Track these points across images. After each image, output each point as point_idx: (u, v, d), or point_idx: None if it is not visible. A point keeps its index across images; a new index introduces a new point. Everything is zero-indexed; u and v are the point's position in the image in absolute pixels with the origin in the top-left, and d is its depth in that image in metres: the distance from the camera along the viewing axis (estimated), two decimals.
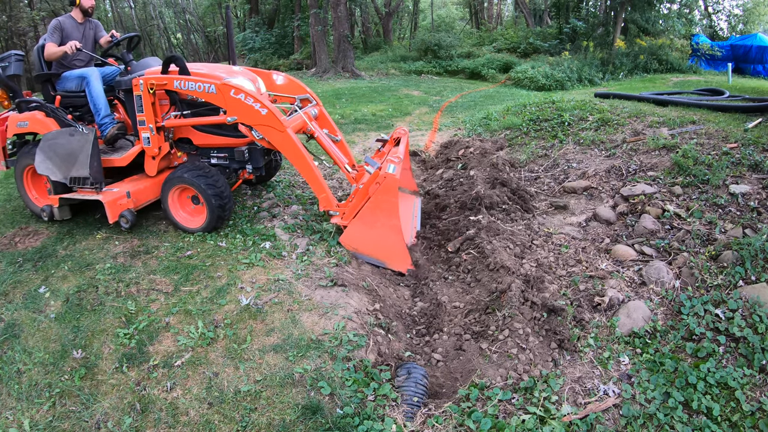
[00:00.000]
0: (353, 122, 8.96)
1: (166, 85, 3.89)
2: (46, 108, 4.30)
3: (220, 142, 4.17)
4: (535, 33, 20.42)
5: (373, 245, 3.73)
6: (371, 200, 3.65)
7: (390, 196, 3.59)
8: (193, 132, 4.16)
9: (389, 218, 3.65)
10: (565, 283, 3.58)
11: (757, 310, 2.89)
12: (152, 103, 3.96)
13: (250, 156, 4.18)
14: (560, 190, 5.08)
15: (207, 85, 3.77)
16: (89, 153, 3.90)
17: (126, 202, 4.00)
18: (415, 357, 3.10)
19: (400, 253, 3.76)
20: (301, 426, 2.45)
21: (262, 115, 3.70)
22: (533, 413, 2.53)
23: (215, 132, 4.13)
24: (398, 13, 28.86)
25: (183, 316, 3.19)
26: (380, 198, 3.62)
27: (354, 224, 3.72)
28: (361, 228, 3.70)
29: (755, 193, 3.92)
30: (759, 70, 14.32)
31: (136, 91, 3.92)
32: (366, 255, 3.74)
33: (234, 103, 3.73)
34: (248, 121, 3.78)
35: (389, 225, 3.66)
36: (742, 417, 2.45)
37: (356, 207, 3.74)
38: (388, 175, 3.58)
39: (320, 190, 3.92)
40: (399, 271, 3.77)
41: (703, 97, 7.46)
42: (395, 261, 3.77)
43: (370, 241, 3.72)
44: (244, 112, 3.74)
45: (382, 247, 3.73)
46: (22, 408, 2.55)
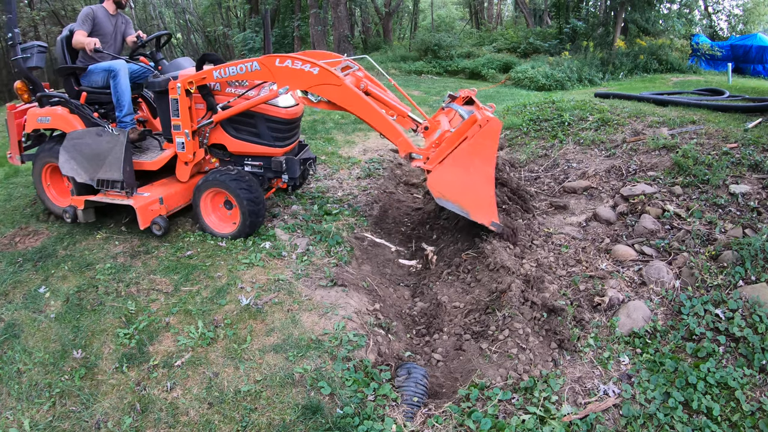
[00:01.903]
0: (353, 122, 8.96)
1: (205, 79, 3.77)
2: (71, 104, 4.12)
3: (255, 150, 4.05)
4: (535, 33, 20.42)
5: (461, 192, 3.39)
6: (470, 143, 3.28)
7: (492, 142, 3.30)
8: (228, 138, 4.03)
9: (486, 165, 3.34)
10: (565, 283, 3.58)
11: (757, 310, 2.89)
12: (188, 107, 3.86)
13: (287, 165, 4.08)
14: (560, 190, 5.08)
15: (248, 64, 3.62)
16: (121, 156, 3.79)
17: (158, 208, 3.90)
18: (415, 357, 3.10)
19: (489, 204, 3.46)
20: (301, 426, 2.45)
21: (315, 74, 3.50)
22: (533, 413, 2.53)
23: (251, 140, 4.01)
24: (398, 13, 28.85)
25: (183, 316, 3.20)
26: (481, 141, 3.28)
27: (446, 166, 3.35)
28: (454, 171, 3.34)
29: (755, 193, 3.92)
30: (759, 70, 14.31)
31: (173, 94, 3.81)
32: (451, 202, 3.42)
33: (282, 72, 3.56)
34: (302, 86, 3.60)
35: (484, 172, 3.36)
36: (742, 417, 2.45)
37: (445, 151, 3.36)
38: (492, 119, 3.26)
39: (396, 135, 3.59)
40: (482, 223, 3.48)
41: (703, 97, 7.46)
42: (481, 212, 3.46)
43: (459, 186, 3.37)
44: (295, 77, 3.56)
45: (471, 196, 3.41)
46: (22, 408, 2.55)
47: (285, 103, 3.96)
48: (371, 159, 6.65)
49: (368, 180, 5.90)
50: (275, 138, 3.98)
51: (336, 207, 4.95)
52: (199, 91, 3.88)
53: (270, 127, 3.95)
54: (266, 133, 3.95)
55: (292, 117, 4.02)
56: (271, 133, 3.96)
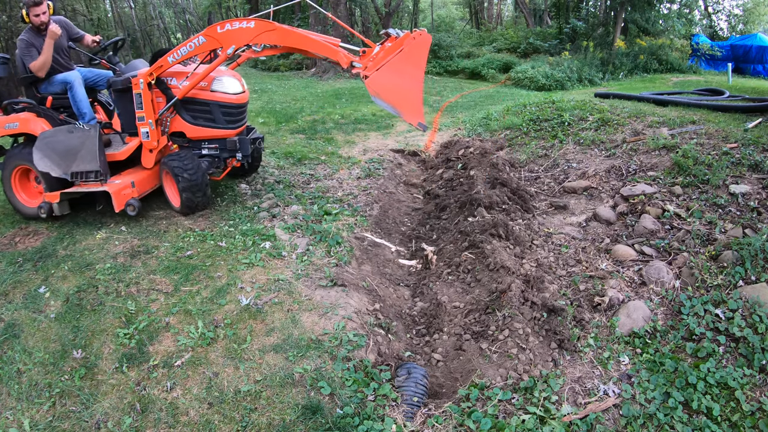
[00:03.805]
0: (353, 122, 8.96)
1: (162, 67, 4.17)
2: (38, 109, 4.40)
3: (211, 134, 4.49)
4: (535, 33, 20.42)
5: (395, 94, 3.74)
6: (405, 51, 3.67)
7: (422, 52, 3.71)
8: (186, 125, 4.45)
9: (417, 70, 3.74)
10: (565, 283, 3.58)
11: (757, 310, 2.89)
12: (151, 100, 4.23)
13: (240, 145, 4.56)
14: (560, 190, 5.08)
15: (195, 40, 4.06)
16: (95, 147, 4.12)
17: (131, 192, 4.24)
18: (415, 357, 3.10)
19: (418, 106, 3.80)
20: (301, 426, 2.45)
21: (252, 27, 3.91)
22: (533, 413, 2.53)
23: (207, 125, 4.44)
24: (398, 13, 28.83)
25: (183, 316, 3.20)
26: (414, 51, 3.68)
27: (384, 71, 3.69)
28: (389, 75, 3.69)
29: (755, 193, 3.92)
30: (759, 70, 14.32)
31: (136, 89, 4.18)
32: (386, 102, 3.73)
33: (225, 36, 3.96)
34: (245, 40, 3.95)
35: (415, 77, 3.74)
36: (742, 417, 2.45)
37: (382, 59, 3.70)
38: (424, 33, 3.72)
39: (335, 52, 3.90)
40: (410, 122, 3.80)
41: (703, 97, 7.47)
42: (411, 113, 3.78)
43: (393, 89, 3.71)
44: (238, 36, 3.94)
45: (403, 98, 3.75)
46: (22, 408, 2.55)
47: (234, 90, 4.45)
48: (371, 159, 6.65)
49: (368, 180, 5.90)
50: (228, 121, 4.46)
51: (336, 207, 4.95)
52: (158, 86, 4.30)
53: (223, 111, 4.43)
54: (220, 118, 4.43)
55: (241, 102, 4.53)
56: (224, 117, 4.45)
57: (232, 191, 5.20)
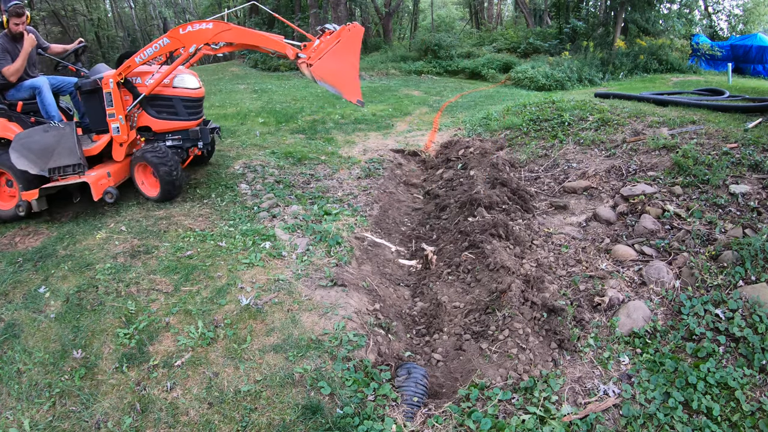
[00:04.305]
0: (353, 122, 8.96)
1: (130, 67, 4.53)
2: (10, 113, 4.64)
3: (175, 126, 4.90)
4: (535, 33, 20.42)
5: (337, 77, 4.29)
6: (342, 41, 4.23)
7: (356, 40, 4.28)
8: (152, 120, 4.84)
9: (352, 57, 4.30)
10: (565, 283, 3.58)
11: (757, 310, 2.89)
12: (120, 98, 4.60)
13: (201, 134, 5.02)
14: (560, 190, 5.08)
15: (160, 41, 4.41)
16: (73, 143, 4.40)
17: (107, 181, 4.56)
18: (415, 357, 3.10)
19: (355, 86, 4.35)
20: (301, 426, 2.45)
21: (210, 28, 4.31)
22: (533, 413, 2.53)
23: (171, 118, 4.85)
24: (398, 13, 28.85)
25: (183, 316, 3.20)
26: (349, 40, 4.24)
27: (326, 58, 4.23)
28: (331, 62, 4.23)
29: (755, 193, 3.92)
30: (759, 70, 14.31)
31: (107, 88, 4.56)
32: (329, 84, 4.29)
33: (187, 37, 4.35)
34: (205, 40, 4.35)
35: (351, 63, 4.30)
36: (742, 417, 2.45)
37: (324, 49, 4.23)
38: (357, 25, 4.31)
39: (281, 46, 4.38)
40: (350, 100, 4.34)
41: (703, 97, 7.47)
42: (350, 92, 4.32)
43: (335, 73, 4.26)
44: (198, 36, 4.34)
45: (343, 80, 4.29)
46: (22, 408, 2.55)
47: (193, 85, 4.92)
48: (371, 159, 6.65)
49: (368, 180, 5.90)
50: (189, 113, 4.92)
51: (336, 207, 4.95)
52: (125, 85, 4.65)
53: (185, 105, 4.87)
54: (183, 111, 4.86)
55: (200, 95, 5.04)
56: (186, 110, 4.89)
57: (232, 191, 5.20)
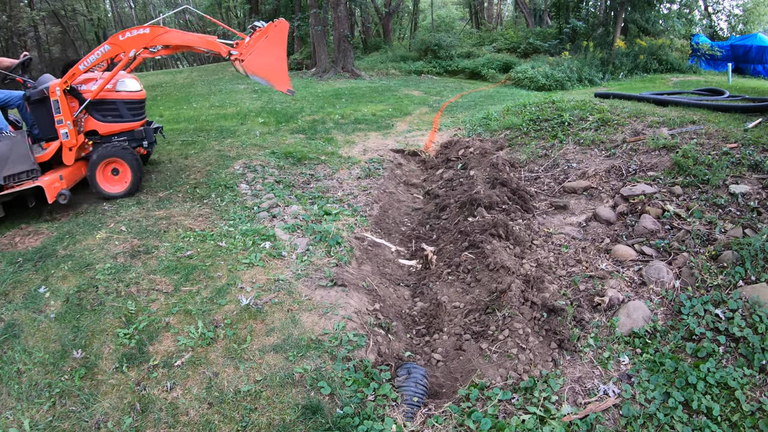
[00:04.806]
0: (353, 122, 8.96)
1: (74, 75, 4.65)
2: None
3: (121, 128, 5.08)
4: (535, 33, 20.42)
5: (266, 69, 4.56)
6: (269, 36, 4.49)
7: (282, 34, 4.54)
8: (98, 124, 4.98)
9: (280, 49, 4.57)
10: (565, 283, 3.58)
11: (757, 310, 2.89)
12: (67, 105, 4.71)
13: (146, 134, 5.26)
14: (560, 190, 5.08)
15: (101, 48, 4.58)
16: (27, 149, 4.55)
17: (60, 184, 4.69)
18: (415, 357, 3.10)
19: (284, 77, 4.64)
20: (301, 426, 2.45)
21: (148, 33, 4.52)
22: (533, 413, 2.53)
23: (116, 120, 5.03)
24: (398, 13, 28.85)
25: (183, 316, 3.19)
26: (276, 34, 4.50)
27: (257, 52, 4.49)
28: (260, 56, 4.50)
29: (755, 193, 3.92)
30: (759, 70, 14.31)
31: (53, 96, 4.66)
32: (260, 77, 4.55)
33: (127, 42, 4.53)
34: (143, 44, 4.55)
35: (279, 55, 4.57)
36: (742, 417, 2.45)
37: (252, 45, 4.49)
38: (282, 21, 4.56)
39: (215, 45, 4.63)
40: (280, 90, 4.61)
41: (703, 97, 7.46)
42: (280, 83, 4.60)
43: (264, 65, 4.53)
44: (137, 41, 4.53)
45: (273, 72, 4.57)
46: (22, 408, 2.55)
47: (135, 88, 5.14)
48: (371, 159, 6.65)
49: (368, 180, 5.90)
50: (133, 115, 5.14)
51: (336, 207, 4.95)
52: (71, 92, 4.76)
53: (128, 107, 5.09)
54: (127, 113, 5.07)
55: (142, 97, 5.26)
56: (130, 112, 5.10)
57: (232, 191, 5.20)
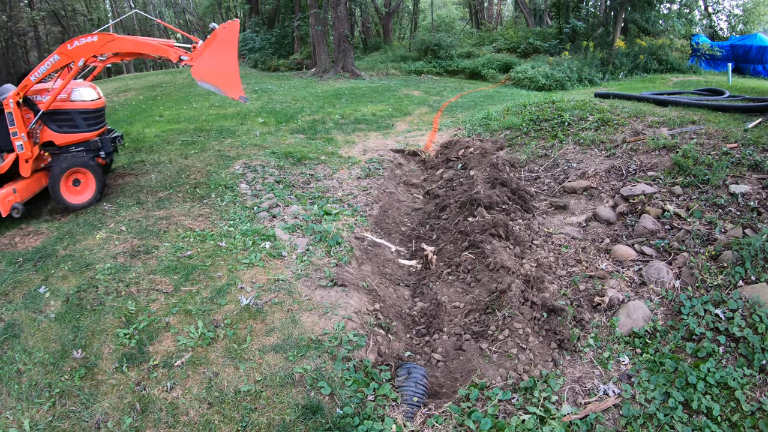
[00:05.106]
0: (353, 122, 8.96)
1: (27, 86, 4.59)
2: None
3: (77, 138, 4.98)
4: (535, 33, 20.42)
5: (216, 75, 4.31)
6: (218, 39, 4.26)
7: (232, 35, 4.29)
8: (54, 135, 4.88)
9: (230, 52, 4.30)
10: (565, 283, 3.58)
11: (757, 310, 2.89)
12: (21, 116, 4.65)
13: (102, 144, 5.17)
14: (560, 190, 5.08)
15: (51, 59, 4.50)
16: None
17: (13, 197, 4.66)
18: (415, 357, 3.10)
19: (236, 83, 4.35)
20: (301, 426, 2.45)
21: (96, 41, 4.40)
22: (533, 413, 2.53)
23: (72, 131, 4.92)
24: (398, 13, 28.85)
25: (183, 316, 3.19)
26: (225, 36, 4.27)
27: (205, 57, 4.30)
28: (209, 61, 4.28)
29: (755, 193, 3.92)
30: (759, 70, 14.31)
31: (7, 109, 4.60)
32: (210, 84, 4.30)
33: (76, 51, 4.43)
34: (93, 52, 4.45)
35: (229, 59, 4.30)
36: (742, 417, 2.45)
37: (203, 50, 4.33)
38: (232, 22, 4.33)
39: (164, 51, 4.48)
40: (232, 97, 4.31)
41: (703, 97, 7.46)
42: (231, 89, 4.33)
43: (214, 72, 4.29)
44: (86, 50, 4.43)
45: (223, 78, 4.31)
46: (22, 408, 2.55)
47: (91, 97, 5.03)
48: (371, 159, 6.65)
49: (368, 180, 5.90)
50: (89, 125, 5.02)
51: (336, 207, 4.95)
52: (26, 103, 4.70)
53: (84, 117, 4.97)
54: (82, 123, 4.96)
55: (98, 106, 5.13)
56: (85, 122, 4.99)
57: (232, 191, 5.20)
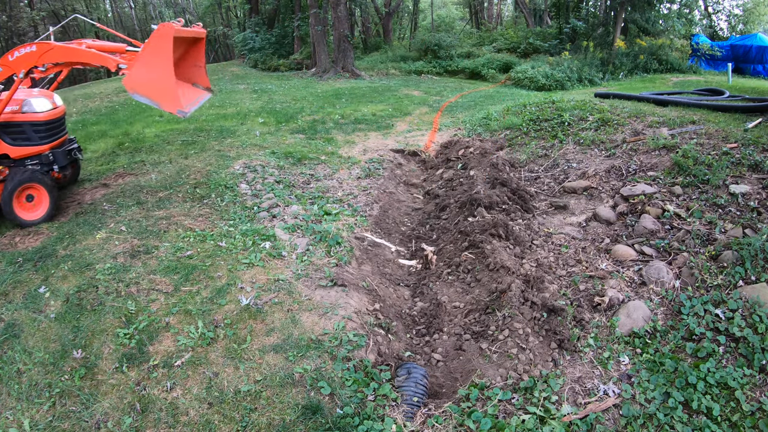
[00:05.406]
0: (353, 122, 8.96)
1: None
2: None
3: (31, 151, 4.75)
4: (535, 33, 20.42)
5: (149, 87, 4.02)
6: (150, 45, 3.94)
7: (165, 41, 3.89)
8: (9, 148, 4.69)
9: (164, 60, 3.94)
10: (565, 283, 3.58)
11: (757, 310, 2.89)
12: None
13: (54, 157, 4.90)
14: (560, 190, 5.08)
15: None
16: None
17: None
18: (415, 357, 3.10)
19: (173, 95, 4.02)
20: (301, 426, 2.45)
21: (35, 51, 4.27)
22: (533, 413, 2.53)
23: (25, 143, 4.71)
24: (398, 13, 28.85)
25: (183, 316, 3.19)
26: (157, 42, 3.91)
27: (136, 66, 3.99)
28: (141, 70, 3.98)
29: (755, 193, 3.92)
30: (759, 70, 14.31)
31: None
32: (143, 96, 4.02)
33: (16, 62, 4.31)
34: (33, 63, 4.32)
35: (164, 68, 3.94)
36: (742, 417, 2.45)
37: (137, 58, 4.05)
38: (164, 25, 3.91)
39: (103, 60, 4.30)
40: (170, 111, 4.03)
41: (703, 97, 7.46)
42: (168, 102, 4.03)
43: (147, 82, 4.00)
44: (26, 61, 4.30)
45: (157, 89, 4.00)
46: (22, 408, 2.55)
47: (43, 108, 4.78)
48: (371, 159, 6.65)
49: (368, 180, 5.90)
50: (41, 137, 4.78)
51: (336, 207, 4.95)
52: None
53: (35, 129, 4.74)
54: (33, 136, 4.74)
55: (51, 117, 4.83)
56: (36, 134, 4.75)
57: (232, 191, 5.20)
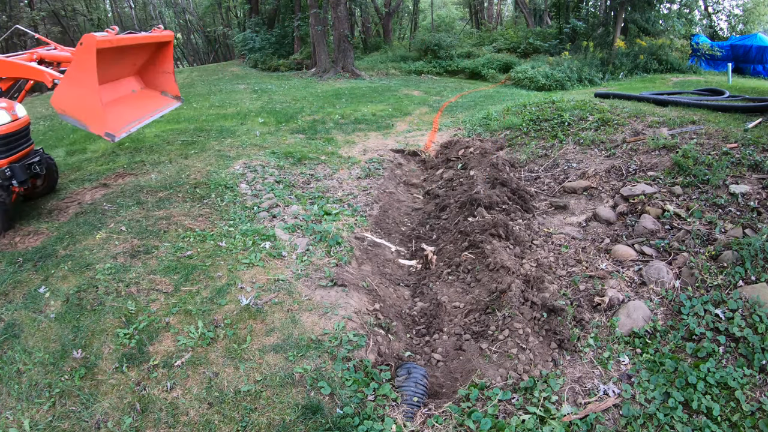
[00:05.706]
0: (353, 122, 8.96)
1: None
2: None
3: None
4: (535, 33, 20.42)
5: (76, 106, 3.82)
6: (75, 60, 3.73)
7: (88, 55, 3.64)
8: None
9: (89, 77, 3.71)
10: (565, 283, 3.58)
11: (757, 310, 2.89)
12: None
13: (13, 172, 4.49)
14: (560, 190, 5.08)
15: None
16: None
17: None
18: (415, 357, 3.10)
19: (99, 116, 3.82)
20: (301, 426, 2.45)
21: None
22: (533, 413, 2.53)
23: None
24: (398, 13, 28.85)
25: (183, 316, 3.19)
26: (80, 57, 3.67)
27: (62, 84, 3.78)
28: (67, 88, 3.78)
29: (755, 193, 3.92)
30: (759, 70, 14.32)
31: None
32: (71, 117, 3.83)
33: None
34: None
35: (89, 85, 3.72)
36: (742, 417, 2.45)
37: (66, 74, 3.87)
38: (87, 36, 3.65)
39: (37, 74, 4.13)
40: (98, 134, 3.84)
41: (703, 97, 7.47)
42: (96, 124, 3.84)
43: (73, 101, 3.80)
44: None
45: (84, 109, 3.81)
46: (22, 408, 2.55)
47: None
48: (371, 159, 6.65)
49: (368, 180, 5.90)
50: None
51: (336, 207, 4.95)
52: None
53: None
54: None
55: (8, 131, 4.43)
56: None
57: (232, 191, 5.20)
